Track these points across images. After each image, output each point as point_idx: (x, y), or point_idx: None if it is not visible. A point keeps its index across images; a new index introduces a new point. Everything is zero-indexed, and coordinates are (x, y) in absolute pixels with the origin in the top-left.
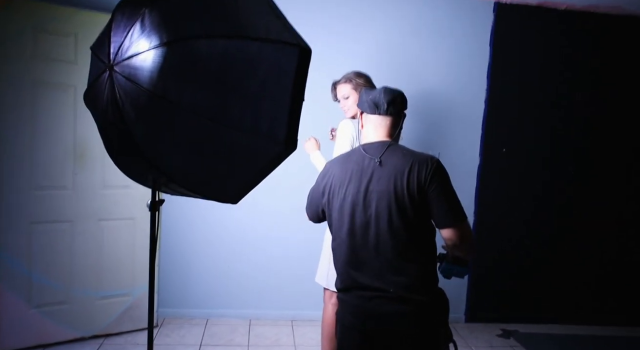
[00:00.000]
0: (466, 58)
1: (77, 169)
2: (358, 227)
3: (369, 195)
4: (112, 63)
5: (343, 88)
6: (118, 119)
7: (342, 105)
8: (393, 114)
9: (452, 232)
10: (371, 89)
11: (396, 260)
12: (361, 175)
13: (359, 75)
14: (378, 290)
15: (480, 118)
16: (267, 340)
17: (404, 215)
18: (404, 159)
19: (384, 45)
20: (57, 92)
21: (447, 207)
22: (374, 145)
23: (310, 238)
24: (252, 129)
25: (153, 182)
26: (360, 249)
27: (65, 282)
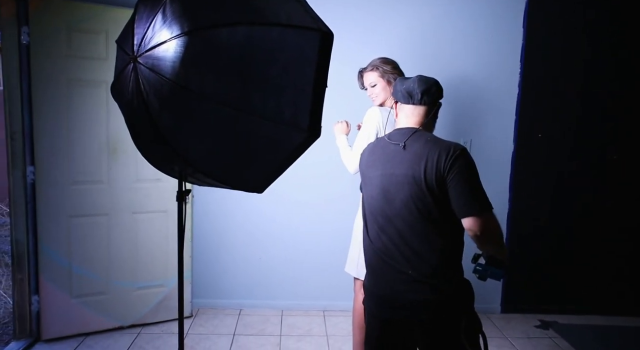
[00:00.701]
0: (498, 41)
1: (111, 164)
2: (380, 212)
3: (391, 180)
4: (135, 55)
5: (370, 76)
6: (143, 109)
7: (370, 93)
8: (427, 103)
9: (471, 222)
10: (406, 78)
11: (418, 248)
12: (385, 160)
13: (386, 62)
14: (397, 273)
15: (514, 103)
16: (299, 330)
17: (421, 202)
18: (425, 146)
19: (413, 29)
20: (90, 88)
21: (467, 196)
22: (400, 132)
23: (341, 228)
24: (276, 116)
25: (179, 172)
26: (381, 232)
27: (103, 274)
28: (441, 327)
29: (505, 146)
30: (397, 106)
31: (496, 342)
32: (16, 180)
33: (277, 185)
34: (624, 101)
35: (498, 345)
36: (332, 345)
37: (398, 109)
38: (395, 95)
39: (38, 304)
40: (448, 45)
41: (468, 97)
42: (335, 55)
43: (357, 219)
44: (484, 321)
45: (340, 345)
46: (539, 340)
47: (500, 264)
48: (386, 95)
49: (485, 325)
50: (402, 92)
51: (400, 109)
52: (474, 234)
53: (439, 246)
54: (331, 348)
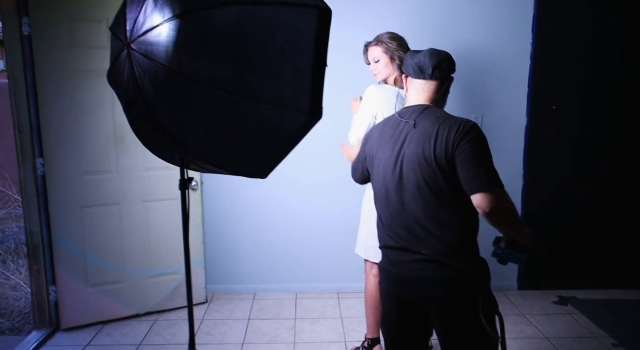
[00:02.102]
0: (509, 10)
1: (119, 153)
2: (391, 190)
3: (401, 157)
4: (128, 41)
5: (374, 50)
6: (139, 97)
7: (372, 68)
8: (438, 78)
9: (481, 198)
10: (417, 51)
11: (431, 226)
12: (396, 138)
13: (393, 37)
14: (412, 253)
15: (526, 75)
16: (313, 313)
17: (433, 180)
18: (435, 122)
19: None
20: (94, 78)
21: (476, 171)
22: (410, 109)
23: (352, 208)
24: (274, 99)
25: (180, 160)
26: (394, 212)
27: (117, 262)
28: (458, 305)
29: (517, 120)
30: (408, 81)
31: (513, 319)
32: (26, 173)
33: (286, 168)
34: (638, 69)
35: (515, 323)
36: (347, 327)
37: (408, 84)
38: (405, 70)
39: (55, 294)
40: (457, 17)
41: (478, 70)
42: (337, 32)
43: (364, 200)
44: (500, 298)
45: (355, 327)
46: (557, 316)
47: (523, 248)
48: (389, 72)
49: (502, 303)
50: (412, 66)
51: (410, 84)
52: (483, 212)
53: (453, 225)
54: (346, 330)
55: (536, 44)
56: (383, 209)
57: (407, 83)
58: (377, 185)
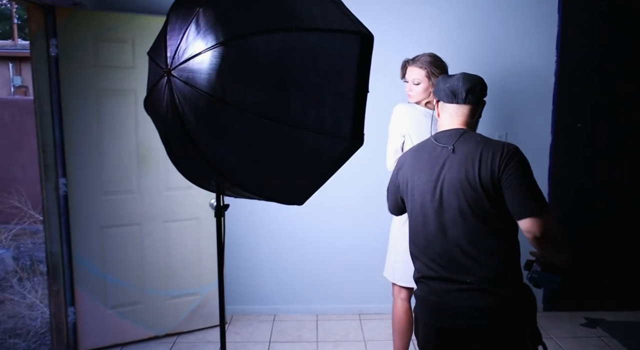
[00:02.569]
0: (533, 28)
1: (141, 172)
2: (430, 216)
3: (440, 182)
4: (169, 68)
5: (416, 72)
6: (178, 124)
7: (409, 89)
8: (472, 102)
9: (530, 224)
10: (449, 75)
11: (474, 253)
12: (433, 163)
13: (437, 65)
14: (455, 282)
15: (551, 93)
16: (335, 335)
17: (478, 206)
18: (477, 146)
19: (444, 20)
20: (119, 97)
21: (524, 196)
22: (446, 133)
23: (373, 229)
24: (317, 126)
25: (217, 187)
26: (433, 239)
27: (137, 283)
28: (504, 335)
29: (542, 138)
30: (440, 105)
31: None
32: (49, 193)
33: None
34: None
35: None
36: None
37: (440, 109)
38: (437, 94)
39: (74, 315)
40: (481, 35)
41: (502, 88)
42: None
43: (393, 222)
44: None
45: None
46: (587, 339)
47: (557, 269)
48: (425, 97)
49: None
50: (445, 91)
51: (443, 109)
52: (534, 236)
53: (497, 249)
54: None
55: (560, 61)
56: (421, 237)
57: (439, 108)
58: (413, 212)
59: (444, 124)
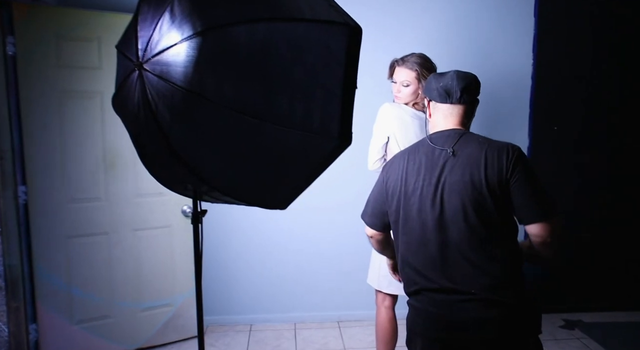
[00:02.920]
0: (510, 31)
1: (109, 179)
2: (430, 223)
3: (441, 188)
4: (141, 61)
5: (405, 74)
6: (151, 123)
7: (397, 90)
8: (467, 102)
9: (541, 228)
10: (440, 74)
11: (477, 259)
12: (432, 167)
13: (427, 65)
14: (457, 293)
15: (528, 96)
16: (315, 344)
17: (483, 209)
18: (480, 148)
19: (423, 23)
20: (84, 100)
21: (535, 200)
22: (444, 135)
23: (352, 235)
24: (303, 124)
25: (194, 191)
26: (434, 248)
27: (106, 296)
28: (509, 346)
29: (520, 140)
30: (432, 105)
31: None
32: (7, 201)
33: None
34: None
35: None
36: None
37: (432, 109)
38: (429, 94)
39: (36, 332)
40: (459, 38)
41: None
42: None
43: None
44: None
45: None
46: (567, 341)
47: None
48: (413, 99)
49: None
50: (438, 90)
51: (435, 109)
52: (543, 241)
53: (500, 256)
54: None
55: (537, 65)
56: (419, 246)
57: (431, 108)
58: (409, 220)
59: (438, 125)
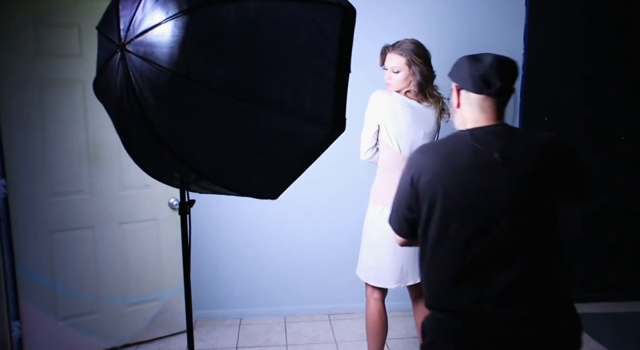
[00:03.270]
0: (501, 21)
1: (92, 171)
2: (473, 235)
3: (487, 194)
4: (123, 42)
5: (396, 60)
6: (135, 108)
7: (389, 77)
8: (507, 94)
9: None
10: (474, 58)
11: (528, 273)
12: (475, 168)
13: (418, 51)
14: (501, 312)
15: (518, 86)
16: (305, 337)
17: (539, 217)
18: (527, 141)
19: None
20: (64, 88)
21: (587, 181)
22: (488, 132)
23: (343, 227)
24: (295, 109)
25: (181, 180)
26: (476, 263)
27: (91, 291)
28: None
29: None
30: (462, 95)
31: None
32: None
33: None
34: (633, 79)
35: None
36: None
37: (463, 99)
38: (460, 81)
39: (19, 330)
40: (450, 27)
41: None
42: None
43: (366, 219)
44: None
45: None
46: None
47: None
48: (405, 86)
49: None
50: (473, 78)
51: (467, 100)
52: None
53: (552, 267)
54: None
55: (528, 55)
56: (457, 261)
57: (460, 98)
58: (440, 232)
59: (473, 119)
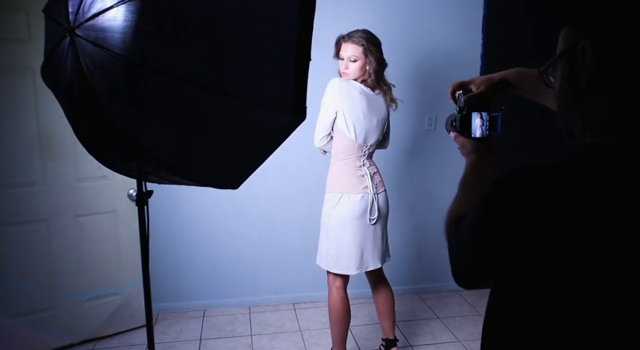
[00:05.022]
0: (461, 10)
1: (45, 162)
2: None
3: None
4: (72, 26)
5: (352, 49)
6: (87, 96)
7: (345, 66)
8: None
9: None
10: None
11: None
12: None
13: (372, 39)
14: None
15: (477, 75)
16: (270, 327)
17: None
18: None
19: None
20: (12, 75)
21: None
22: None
23: (303, 215)
24: (255, 97)
25: (138, 171)
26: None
27: (46, 287)
28: None
29: None
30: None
31: (473, 320)
32: None
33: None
34: None
35: (475, 324)
36: (308, 340)
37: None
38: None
39: None
40: (410, 17)
41: (431, 70)
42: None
43: (324, 208)
44: (455, 299)
45: (317, 340)
46: None
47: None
48: (361, 75)
49: (458, 304)
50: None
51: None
52: None
53: None
54: (307, 343)
55: (486, 45)
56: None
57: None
58: (584, 300)
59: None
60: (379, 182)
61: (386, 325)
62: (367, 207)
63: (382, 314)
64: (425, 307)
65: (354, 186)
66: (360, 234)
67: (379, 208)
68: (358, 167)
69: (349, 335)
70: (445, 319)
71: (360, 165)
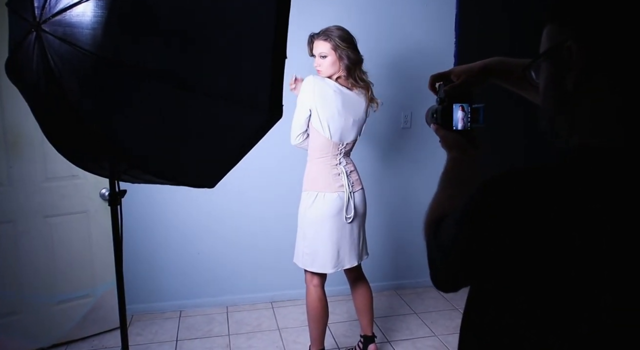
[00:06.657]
0: (434, 9)
1: (12, 161)
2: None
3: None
4: (38, 21)
5: (322, 45)
6: (56, 94)
7: (317, 63)
8: None
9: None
10: None
11: None
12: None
13: (343, 36)
14: None
15: None
16: (248, 326)
17: None
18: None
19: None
20: None
21: None
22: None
23: (280, 214)
24: (230, 95)
25: (111, 170)
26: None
27: (13, 290)
28: None
29: None
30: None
31: (448, 314)
32: None
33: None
34: None
35: (451, 318)
36: (286, 338)
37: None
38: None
39: None
40: (384, 16)
41: (406, 69)
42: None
43: (301, 206)
44: (432, 294)
45: (295, 338)
46: None
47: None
48: (334, 71)
49: (434, 298)
50: None
51: None
52: None
53: None
54: (285, 342)
55: (459, 43)
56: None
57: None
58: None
59: None
60: (356, 181)
61: (364, 322)
62: (343, 205)
63: (360, 311)
64: (403, 303)
65: (329, 185)
66: (336, 233)
67: (355, 206)
68: (334, 165)
69: (328, 332)
70: (422, 314)
71: (337, 163)
